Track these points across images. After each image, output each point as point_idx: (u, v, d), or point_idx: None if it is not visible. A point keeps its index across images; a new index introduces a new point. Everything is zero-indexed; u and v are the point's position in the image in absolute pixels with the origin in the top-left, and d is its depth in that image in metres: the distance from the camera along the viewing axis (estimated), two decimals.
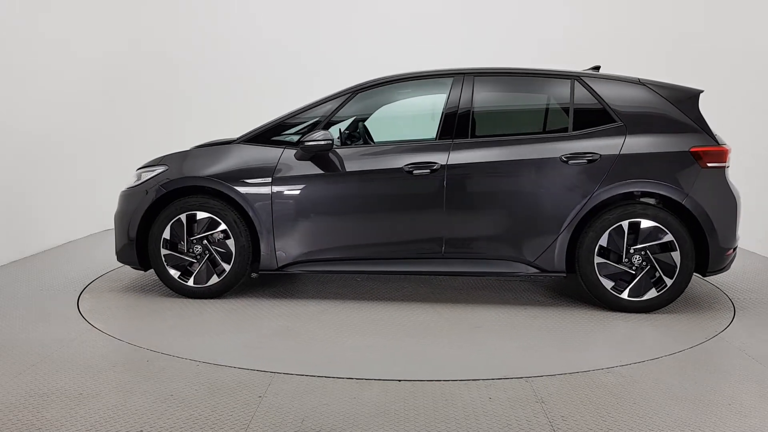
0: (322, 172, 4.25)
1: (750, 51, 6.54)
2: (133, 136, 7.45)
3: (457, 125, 4.23)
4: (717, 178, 4.05)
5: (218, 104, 7.50)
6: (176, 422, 2.58)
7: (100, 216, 7.01)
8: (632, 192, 4.08)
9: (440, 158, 4.15)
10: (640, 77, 4.26)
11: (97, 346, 3.49)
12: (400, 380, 3.03)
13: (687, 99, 4.15)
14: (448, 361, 3.31)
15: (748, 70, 6.53)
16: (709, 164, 4.01)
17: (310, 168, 4.26)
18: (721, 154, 4.04)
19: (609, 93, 4.19)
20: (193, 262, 4.38)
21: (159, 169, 4.44)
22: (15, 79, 5.63)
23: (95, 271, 5.19)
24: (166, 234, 4.35)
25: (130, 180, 4.63)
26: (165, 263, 4.38)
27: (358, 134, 4.83)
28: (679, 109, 4.12)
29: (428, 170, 4.14)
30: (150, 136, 7.39)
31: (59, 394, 2.84)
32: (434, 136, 4.27)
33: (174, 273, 4.39)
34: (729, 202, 4.06)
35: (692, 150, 4.01)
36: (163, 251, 4.37)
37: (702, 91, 4.20)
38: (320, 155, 4.26)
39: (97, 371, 3.11)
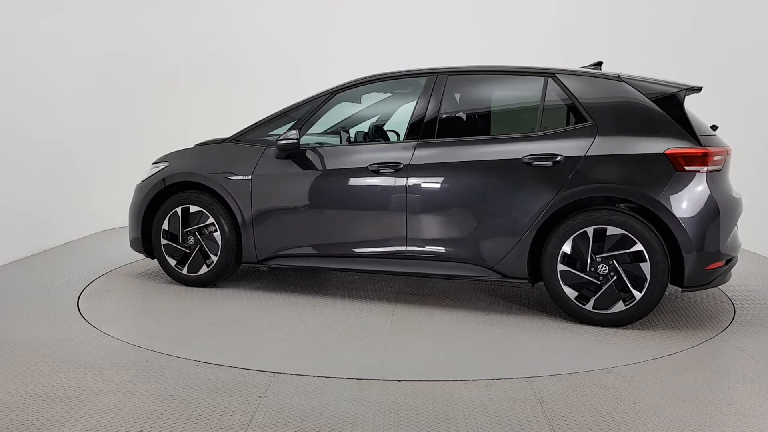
0: (295, 170, 4.39)
1: (753, 50, 6.53)
2: (132, 136, 7.44)
3: (424, 125, 4.18)
4: (696, 184, 3.66)
5: (218, 104, 7.51)
6: (176, 422, 2.58)
7: (100, 216, 7.02)
8: (611, 197, 3.81)
9: (405, 158, 4.13)
10: (620, 73, 3.98)
11: (97, 346, 3.49)
12: (400, 380, 3.03)
13: (670, 97, 3.80)
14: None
15: (752, 67, 6.52)
16: (687, 168, 3.66)
17: (285, 166, 4.42)
18: (702, 158, 3.66)
19: (583, 91, 3.93)
20: (187, 253, 4.65)
21: (162, 165, 4.79)
22: (14, 80, 5.63)
23: (95, 271, 5.19)
24: (165, 225, 4.68)
25: (143, 175, 4.97)
26: (164, 252, 4.70)
27: (371, 136, 4.86)
28: (660, 107, 3.78)
29: (392, 170, 4.14)
30: (150, 136, 7.38)
31: (59, 394, 2.84)
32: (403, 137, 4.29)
33: (171, 262, 4.70)
34: (710, 210, 3.67)
35: (667, 152, 3.68)
36: (163, 241, 4.70)
37: (688, 88, 3.84)
38: (295, 154, 4.41)
39: (97, 371, 3.11)
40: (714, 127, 4.06)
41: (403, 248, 4.16)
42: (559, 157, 3.83)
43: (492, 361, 3.32)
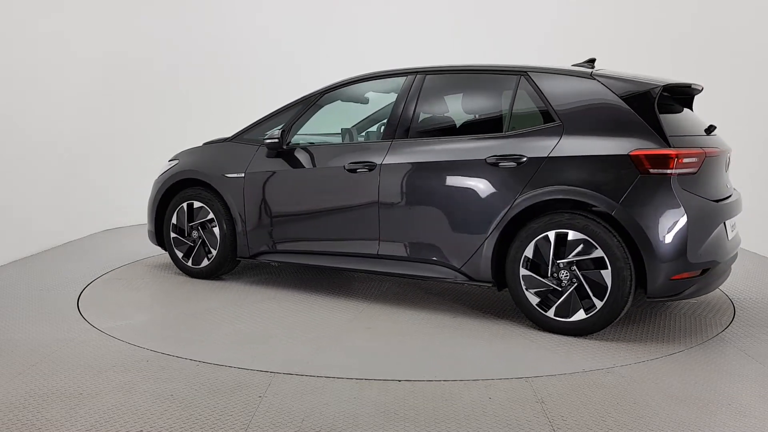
0: (281, 168, 4.52)
1: (753, 50, 6.53)
2: (132, 137, 7.44)
3: (399, 125, 4.19)
4: (662, 187, 3.44)
5: (218, 104, 7.51)
6: (176, 422, 2.58)
7: (100, 216, 7.01)
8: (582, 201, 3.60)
9: (379, 158, 4.15)
10: (594, 70, 3.82)
11: (97, 346, 3.49)
12: (400, 380, 3.03)
13: (643, 95, 3.58)
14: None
15: (752, 67, 6.51)
16: (652, 171, 3.43)
17: (274, 164, 4.56)
18: (670, 160, 3.43)
19: (554, 89, 3.78)
20: (192, 246, 4.91)
21: (173, 162, 5.10)
22: (14, 80, 5.63)
23: (95, 271, 5.19)
24: (174, 220, 4.97)
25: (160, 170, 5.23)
26: (173, 245, 5.00)
27: (378, 133, 4.88)
28: (631, 107, 3.57)
29: (367, 169, 4.16)
30: (150, 136, 7.38)
31: (59, 394, 2.84)
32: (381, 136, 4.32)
33: (179, 254, 4.99)
34: (676, 217, 3.43)
35: (632, 154, 3.47)
36: (172, 234, 4.99)
37: (666, 85, 3.64)
38: (283, 152, 4.54)
39: (97, 371, 3.11)
40: (711, 128, 3.95)
41: (377, 248, 4.19)
42: (524, 158, 3.72)
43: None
